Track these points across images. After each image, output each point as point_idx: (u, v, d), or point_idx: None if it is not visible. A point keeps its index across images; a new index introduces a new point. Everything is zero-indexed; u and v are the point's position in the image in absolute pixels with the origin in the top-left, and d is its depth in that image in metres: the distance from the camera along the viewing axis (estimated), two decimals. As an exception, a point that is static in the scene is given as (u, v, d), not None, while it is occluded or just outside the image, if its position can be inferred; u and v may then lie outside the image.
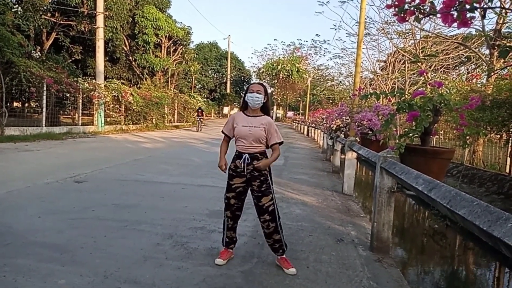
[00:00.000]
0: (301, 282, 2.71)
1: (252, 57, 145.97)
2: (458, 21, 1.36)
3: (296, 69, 38.29)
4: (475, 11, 1.32)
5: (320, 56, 67.75)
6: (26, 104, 16.06)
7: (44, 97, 12.53)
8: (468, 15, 1.33)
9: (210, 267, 2.83)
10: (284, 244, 2.96)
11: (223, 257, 2.96)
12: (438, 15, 1.42)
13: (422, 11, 1.43)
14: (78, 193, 4.92)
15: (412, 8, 1.43)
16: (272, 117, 3.29)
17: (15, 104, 14.89)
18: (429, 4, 1.41)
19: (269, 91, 3.16)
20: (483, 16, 1.36)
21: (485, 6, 1.32)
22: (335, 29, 40.56)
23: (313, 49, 38.44)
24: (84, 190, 5.15)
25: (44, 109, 12.67)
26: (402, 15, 1.47)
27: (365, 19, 10.44)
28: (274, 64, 39.36)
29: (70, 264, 2.73)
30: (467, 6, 1.29)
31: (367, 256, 3.37)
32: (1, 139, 10.07)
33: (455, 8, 1.32)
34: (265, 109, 2.99)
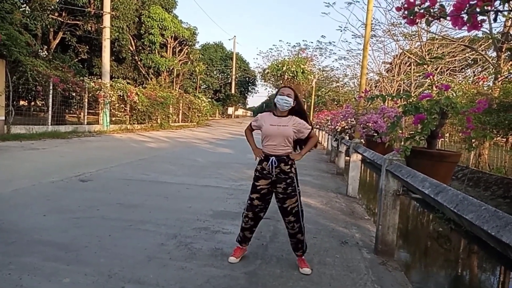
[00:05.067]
0: (305, 284, 2.70)
1: (257, 58, 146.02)
2: (468, 24, 1.34)
3: (301, 70, 38.17)
4: (486, 14, 1.31)
5: (325, 58, 67.54)
6: (33, 103, 16.15)
7: (50, 96, 12.60)
8: (479, 18, 1.32)
9: (214, 268, 2.83)
10: (305, 245, 2.99)
11: (236, 255, 3.00)
12: (448, 18, 1.41)
13: (432, 14, 1.42)
14: (83, 192, 4.95)
15: (422, 11, 1.42)
16: None
17: (21, 102, 14.93)
18: (439, 6, 1.40)
19: (299, 95, 3.25)
20: (495, 19, 1.34)
21: (496, 9, 1.30)
22: (341, 31, 40.34)
23: (319, 50, 38.26)
24: (89, 189, 5.17)
25: (50, 108, 12.74)
26: (412, 17, 1.46)
27: (372, 20, 10.39)
28: (279, 65, 39.25)
29: (74, 263, 2.74)
30: (478, 9, 1.28)
31: (371, 259, 3.35)
32: (8, 137, 10.14)
33: (465, 11, 1.31)
34: (299, 113, 2.99)
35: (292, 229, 2.92)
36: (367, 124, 6.57)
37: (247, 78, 61.32)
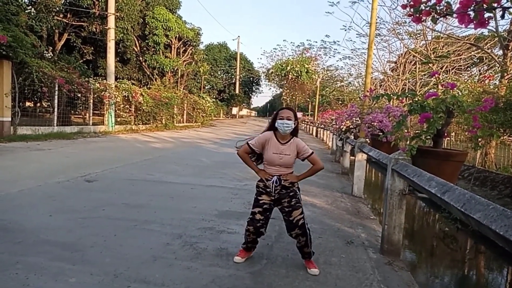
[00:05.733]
0: (310, 284, 2.69)
1: (261, 58, 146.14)
2: (475, 22, 1.33)
3: (305, 70, 38.17)
4: (493, 11, 1.29)
5: (329, 57, 67.62)
6: (38, 104, 16.25)
7: (56, 97, 12.69)
8: (485, 15, 1.31)
9: (219, 268, 2.83)
10: (312, 253, 2.99)
11: (241, 255, 3.01)
12: (454, 15, 1.39)
13: (438, 11, 1.40)
14: (89, 192, 4.97)
15: (428, 8, 1.41)
16: None
17: (27, 103, 15.05)
18: (445, 4, 1.39)
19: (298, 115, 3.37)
20: (502, 16, 1.32)
21: (504, 6, 1.28)
22: (345, 30, 40.29)
23: (323, 50, 38.20)
24: (94, 189, 5.20)
25: (55, 109, 12.82)
26: (417, 15, 1.44)
27: (376, 19, 10.32)
28: (283, 65, 39.29)
29: (80, 263, 2.75)
30: (485, 6, 1.27)
31: (377, 258, 3.33)
32: (14, 138, 10.22)
33: (472, 8, 1.29)
34: (294, 131, 3.01)
35: (299, 243, 2.90)
36: (372, 123, 6.54)
37: (251, 78, 61.38)
